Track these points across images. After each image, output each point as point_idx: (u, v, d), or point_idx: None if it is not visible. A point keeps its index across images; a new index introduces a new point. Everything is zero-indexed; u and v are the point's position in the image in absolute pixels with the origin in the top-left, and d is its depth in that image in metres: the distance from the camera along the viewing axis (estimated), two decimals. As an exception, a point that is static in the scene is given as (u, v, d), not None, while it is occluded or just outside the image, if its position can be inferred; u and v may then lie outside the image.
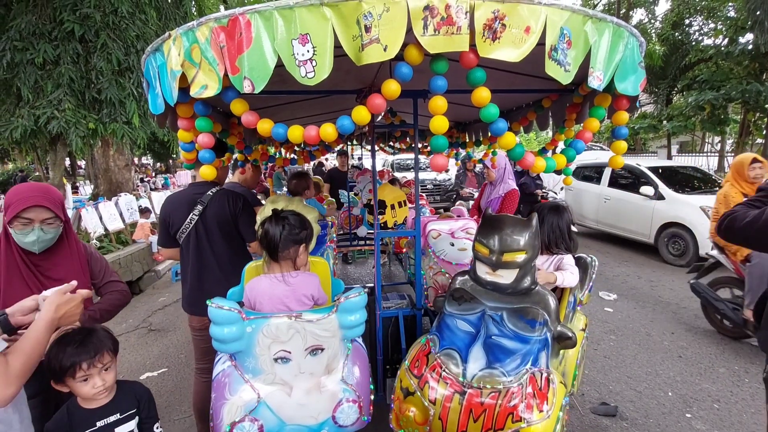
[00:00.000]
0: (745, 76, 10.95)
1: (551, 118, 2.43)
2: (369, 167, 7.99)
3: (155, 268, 6.29)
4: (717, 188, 5.68)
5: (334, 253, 3.51)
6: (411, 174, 9.12)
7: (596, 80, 1.25)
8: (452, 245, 2.83)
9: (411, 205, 3.25)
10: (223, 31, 1.14)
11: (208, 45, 1.17)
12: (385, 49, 1.05)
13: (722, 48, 11.39)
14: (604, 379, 3.02)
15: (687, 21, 13.58)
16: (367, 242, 4.79)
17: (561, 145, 2.13)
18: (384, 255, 5.42)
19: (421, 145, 4.49)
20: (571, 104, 2.03)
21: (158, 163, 25.04)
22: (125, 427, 1.38)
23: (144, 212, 6.96)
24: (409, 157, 11.06)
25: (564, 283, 1.87)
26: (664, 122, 12.95)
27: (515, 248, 1.54)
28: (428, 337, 1.79)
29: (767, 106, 10.49)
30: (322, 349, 1.54)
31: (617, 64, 1.30)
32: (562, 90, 2.09)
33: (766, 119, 12.12)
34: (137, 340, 4.01)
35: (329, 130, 1.23)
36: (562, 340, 1.62)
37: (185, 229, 2.05)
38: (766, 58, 10.00)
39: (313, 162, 9.38)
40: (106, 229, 6.09)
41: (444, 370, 1.60)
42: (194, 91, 1.21)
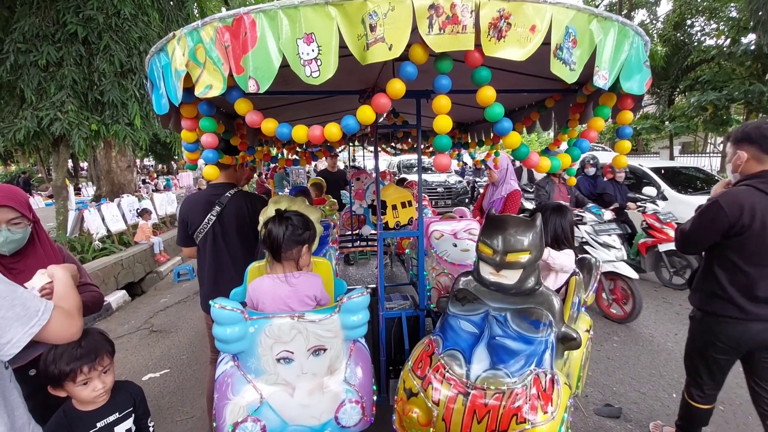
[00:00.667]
0: (747, 76, 10.94)
1: (554, 119, 2.43)
2: (368, 167, 7.96)
3: (157, 270, 6.30)
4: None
5: (337, 254, 3.51)
6: (419, 175, 9.08)
7: (601, 79, 1.25)
8: (455, 246, 2.82)
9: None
10: (228, 31, 1.14)
11: (212, 45, 1.17)
12: (390, 48, 1.04)
13: (724, 48, 11.39)
14: (607, 380, 3.01)
15: (689, 21, 13.59)
16: (369, 243, 4.79)
17: (564, 146, 2.12)
18: (386, 256, 5.41)
19: (423, 146, 4.49)
20: (575, 104, 2.03)
21: (160, 165, 25.11)
22: (124, 426, 1.39)
23: (144, 214, 6.96)
24: (415, 157, 11.05)
25: (555, 262, 1.86)
26: (667, 123, 12.93)
27: (519, 249, 1.54)
28: (431, 337, 1.78)
29: (769, 106, 10.47)
30: (325, 350, 1.53)
31: (623, 63, 1.29)
32: (565, 90, 2.08)
33: (768, 120, 12.07)
34: (139, 341, 4.01)
35: (334, 130, 1.22)
36: (567, 341, 1.60)
37: (203, 229, 2.08)
38: (768, 58, 10.02)
39: (314, 163, 9.39)
40: (108, 231, 6.13)
41: (447, 371, 1.59)
42: (199, 91, 1.21)
